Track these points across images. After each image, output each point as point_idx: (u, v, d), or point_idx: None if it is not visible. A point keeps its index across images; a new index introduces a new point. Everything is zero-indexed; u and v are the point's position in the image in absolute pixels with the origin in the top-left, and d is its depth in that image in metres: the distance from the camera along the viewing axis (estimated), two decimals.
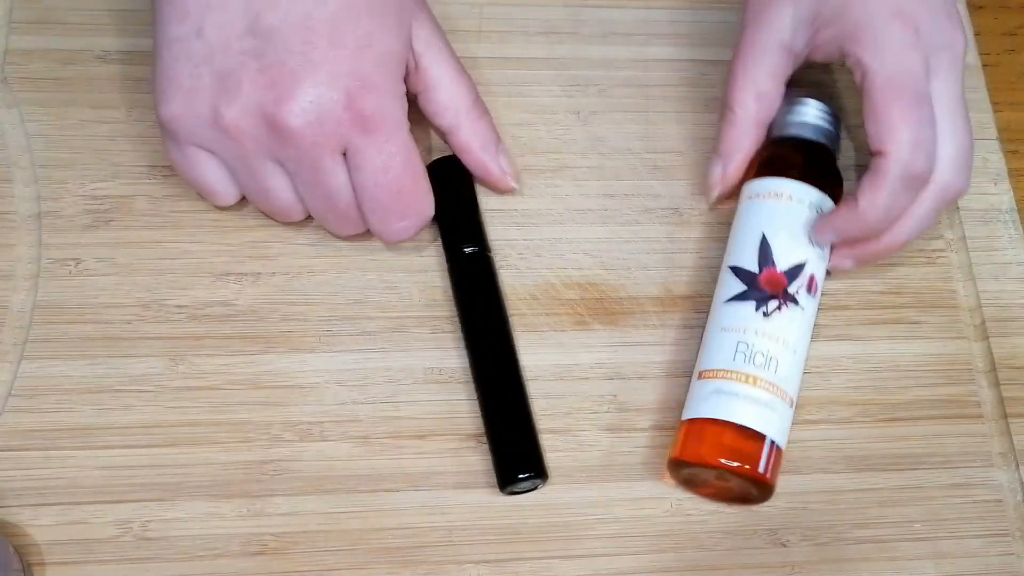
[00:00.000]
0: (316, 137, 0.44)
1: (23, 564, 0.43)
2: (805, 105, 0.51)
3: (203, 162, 0.46)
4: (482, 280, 0.49)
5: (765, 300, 0.46)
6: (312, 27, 0.44)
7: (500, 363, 0.48)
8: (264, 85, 0.44)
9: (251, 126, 0.44)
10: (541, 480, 0.46)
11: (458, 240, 0.50)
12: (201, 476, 0.45)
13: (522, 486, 0.46)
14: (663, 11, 0.58)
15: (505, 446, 0.46)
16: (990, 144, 0.56)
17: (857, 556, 0.46)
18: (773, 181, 0.49)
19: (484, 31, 0.56)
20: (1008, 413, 0.50)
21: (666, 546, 0.46)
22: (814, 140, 0.50)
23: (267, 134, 0.44)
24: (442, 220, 0.50)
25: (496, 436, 0.46)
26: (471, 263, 0.50)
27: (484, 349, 0.48)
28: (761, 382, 0.45)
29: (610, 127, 0.55)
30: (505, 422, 0.47)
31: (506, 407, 0.47)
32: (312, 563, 0.44)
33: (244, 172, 0.46)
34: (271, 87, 0.44)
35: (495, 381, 0.47)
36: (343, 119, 0.44)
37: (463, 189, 0.51)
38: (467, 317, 0.49)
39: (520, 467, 0.46)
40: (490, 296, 0.49)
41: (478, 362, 0.48)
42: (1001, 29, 0.61)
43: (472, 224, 0.51)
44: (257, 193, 0.47)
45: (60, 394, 0.46)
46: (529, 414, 0.47)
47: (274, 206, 0.48)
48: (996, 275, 0.53)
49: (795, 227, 0.48)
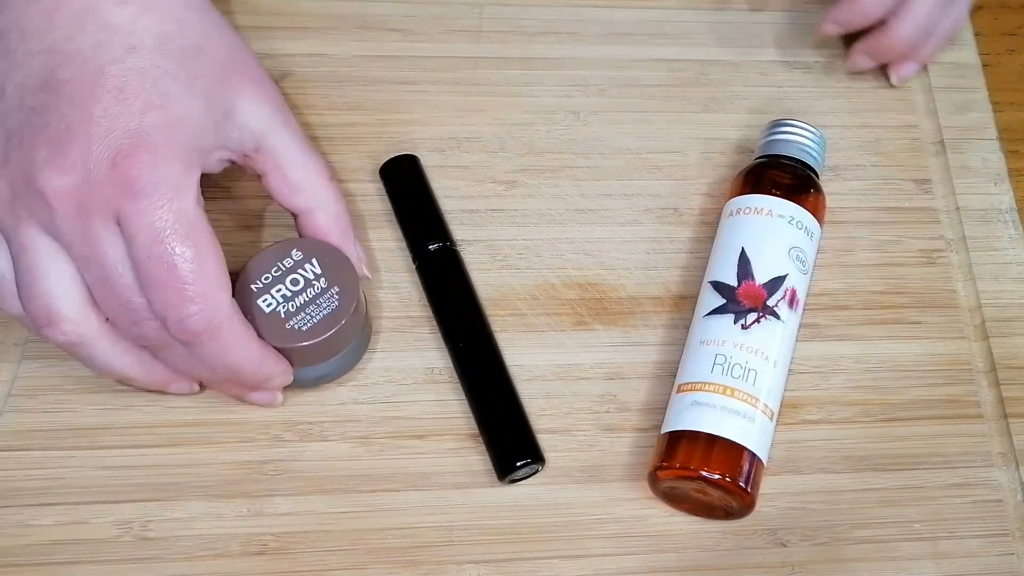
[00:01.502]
0: (82, 200, 0.39)
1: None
2: (790, 125, 0.51)
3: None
4: (452, 274, 0.49)
5: (744, 313, 0.47)
6: (101, 81, 0.40)
7: (482, 355, 0.48)
8: (40, 143, 0.39)
9: (20, 191, 0.39)
10: (539, 464, 0.46)
11: (421, 238, 0.50)
12: (201, 476, 0.45)
13: (521, 473, 0.46)
14: (663, 11, 0.59)
15: (499, 436, 0.46)
16: (990, 144, 0.56)
17: (857, 556, 0.46)
18: (755, 198, 0.49)
19: (484, 31, 0.56)
20: (1008, 413, 0.50)
21: (666, 546, 0.46)
22: (798, 159, 0.51)
23: (32, 201, 0.39)
24: (402, 221, 0.51)
25: (488, 427, 0.46)
26: (438, 259, 0.50)
27: (465, 343, 0.48)
28: (739, 393, 0.45)
29: (610, 127, 0.55)
30: (495, 413, 0.47)
31: (493, 398, 0.47)
32: (312, 563, 0.44)
33: (16, 252, 0.40)
34: (45, 145, 0.39)
35: (479, 373, 0.48)
36: (108, 180, 0.39)
37: (418, 187, 0.52)
38: (443, 314, 0.49)
39: (517, 455, 0.46)
40: (463, 289, 0.49)
41: (460, 357, 0.48)
42: (1001, 29, 0.61)
43: (433, 220, 0.51)
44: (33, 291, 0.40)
45: (60, 394, 0.46)
46: (517, 401, 0.47)
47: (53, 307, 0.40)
48: (996, 275, 0.53)
49: (776, 241, 0.48)
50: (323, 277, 0.45)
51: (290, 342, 0.44)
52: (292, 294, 0.44)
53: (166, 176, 0.40)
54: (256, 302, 0.44)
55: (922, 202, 0.55)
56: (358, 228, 0.50)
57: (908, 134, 0.56)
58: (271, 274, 0.45)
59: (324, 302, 0.44)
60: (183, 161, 0.41)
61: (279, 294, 0.44)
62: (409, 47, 0.56)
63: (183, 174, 0.41)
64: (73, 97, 0.40)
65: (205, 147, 0.42)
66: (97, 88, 0.40)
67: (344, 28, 0.57)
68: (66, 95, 0.40)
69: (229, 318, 0.41)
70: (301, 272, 0.45)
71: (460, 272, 0.50)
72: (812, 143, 0.51)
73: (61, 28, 0.41)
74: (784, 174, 0.50)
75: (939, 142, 0.56)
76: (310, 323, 0.44)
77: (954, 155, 0.56)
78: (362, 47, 0.56)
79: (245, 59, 0.45)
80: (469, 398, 0.47)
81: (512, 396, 0.47)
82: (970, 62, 0.59)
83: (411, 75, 0.56)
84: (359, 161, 0.53)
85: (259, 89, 0.45)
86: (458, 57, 0.56)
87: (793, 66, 0.58)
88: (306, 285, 0.45)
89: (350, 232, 0.47)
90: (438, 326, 0.49)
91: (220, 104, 0.43)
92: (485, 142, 0.54)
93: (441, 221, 0.51)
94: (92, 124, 0.39)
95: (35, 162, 0.39)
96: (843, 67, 0.58)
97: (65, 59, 0.40)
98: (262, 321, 0.44)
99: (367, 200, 0.52)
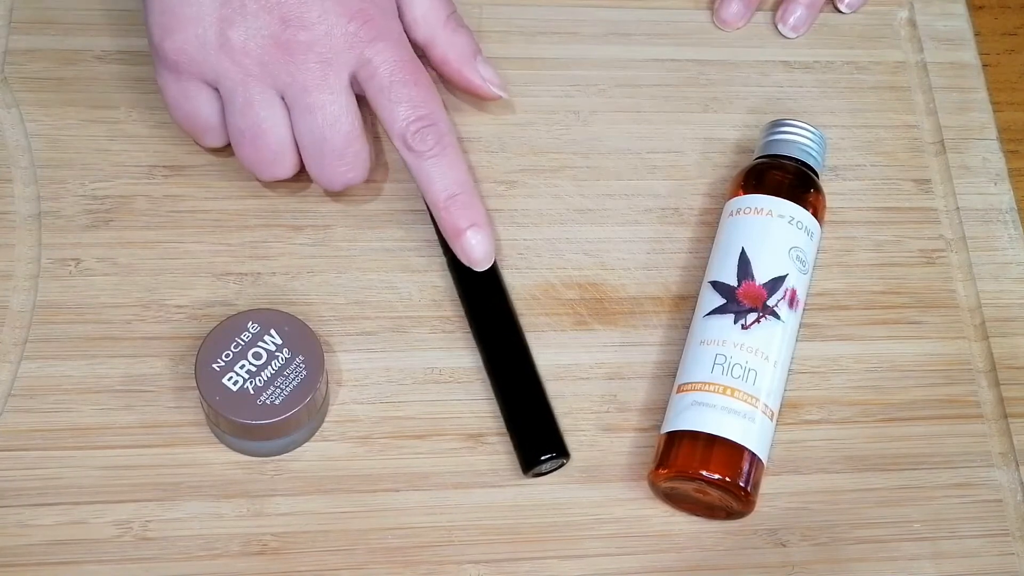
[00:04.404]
0: (325, 52, 0.45)
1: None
2: (790, 125, 0.51)
3: (200, 96, 0.46)
4: (485, 270, 0.49)
5: (744, 313, 0.47)
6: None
7: (512, 349, 0.48)
8: (270, 5, 0.44)
9: (258, 47, 0.44)
10: (564, 459, 0.46)
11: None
12: (201, 476, 0.45)
13: (546, 467, 0.46)
14: (663, 11, 0.59)
15: (525, 429, 0.46)
16: (990, 144, 0.56)
17: (857, 556, 0.46)
18: (755, 198, 0.49)
19: (484, 31, 0.56)
20: (1008, 413, 0.50)
21: (666, 546, 0.46)
22: (798, 159, 0.51)
23: (274, 55, 0.44)
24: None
25: (515, 420, 0.47)
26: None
27: (495, 337, 0.48)
28: (739, 393, 0.45)
29: (610, 127, 0.55)
30: (523, 406, 0.47)
31: (522, 391, 0.47)
32: (312, 563, 0.44)
33: (241, 104, 0.46)
34: (276, 7, 0.44)
35: (509, 367, 0.48)
36: (350, 31, 0.45)
37: None
38: (474, 307, 0.49)
39: (543, 448, 0.46)
40: (494, 284, 0.49)
41: (490, 350, 0.48)
42: (1001, 29, 0.61)
43: None
44: (248, 131, 0.46)
45: (60, 394, 0.46)
46: (545, 396, 0.47)
47: (263, 148, 0.47)
48: (996, 275, 0.53)
49: (776, 241, 0.48)
50: (285, 347, 0.44)
51: (265, 417, 0.43)
52: (257, 368, 0.44)
53: (391, 22, 0.47)
54: (221, 382, 0.43)
55: (922, 202, 0.55)
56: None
57: (908, 134, 0.56)
58: (231, 351, 0.44)
59: (291, 372, 0.44)
60: (394, 11, 0.48)
61: (243, 371, 0.43)
62: None
63: (398, 20, 0.48)
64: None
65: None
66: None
67: None
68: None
69: (453, 136, 0.48)
70: (262, 344, 0.44)
71: (492, 266, 0.50)
72: (812, 143, 0.51)
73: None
74: (784, 174, 0.50)
75: (939, 142, 0.56)
76: (282, 396, 0.43)
77: (954, 155, 0.56)
78: None
79: None
80: (497, 391, 0.47)
81: (540, 391, 0.47)
82: (970, 62, 0.59)
83: None
84: None
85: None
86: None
87: (793, 66, 0.58)
88: (269, 358, 0.44)
89: (469, 57, 0.51)
90: (468, 319, 0.49)
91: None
92: (485, 142, 0.54)
93: None
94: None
95: (271, 23, 0.44)
96: (843, 67, 0.58)
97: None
98: (232, 400, 0.43)
99: (367, 200, 0.52)
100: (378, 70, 0.46)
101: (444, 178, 0.47)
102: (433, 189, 0.47)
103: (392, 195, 0.52)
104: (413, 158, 0.47)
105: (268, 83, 0.45)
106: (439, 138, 0.47)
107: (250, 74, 0.45)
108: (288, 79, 0.45)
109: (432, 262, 0.50)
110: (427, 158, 0.47)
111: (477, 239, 0.48)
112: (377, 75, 0.46)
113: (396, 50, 0.46)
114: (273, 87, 0.46)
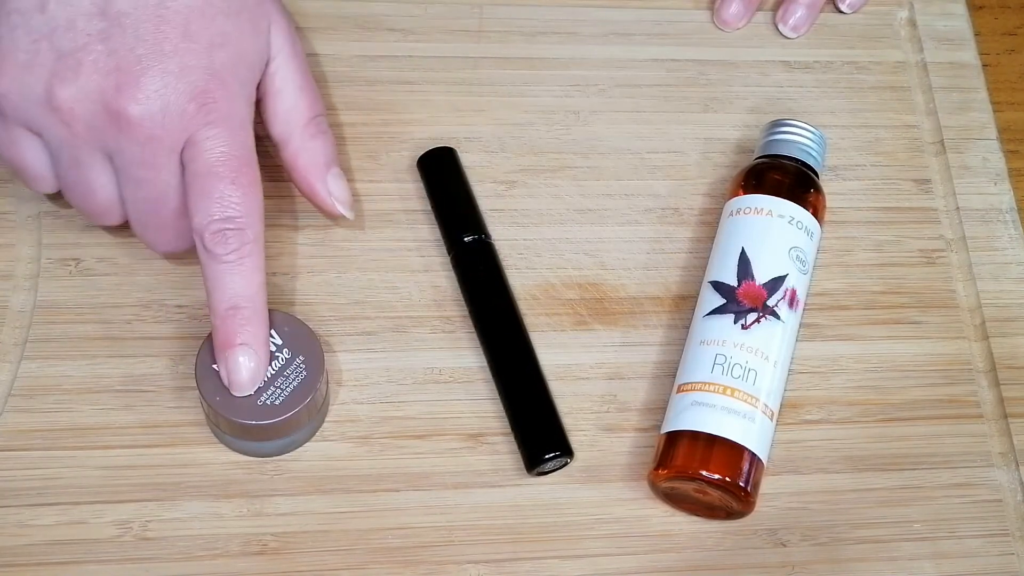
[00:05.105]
0: (155, 129, 0.42)
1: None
2: (790, 125, 0.51)
3: (24, 143, 0.44)
4: (487, 267, 0.49)
5: (744, 313, 0.47)
6: (165, 17, 0.42)
7: (516, 348, 0.48)
8: (108, 70, 0.41)
9: (86, 111, 0.42)
10: (568, 458, 0.46)
11: (457, 230, 0.50)
12: (201, 476, 0.45)
13: (550, 466, 0.46)
14: (663, 11, 0.59)
15: (530, 427, 0.46)
16: (990, 144, 0.56)
17: (857, 556, 0.46)
18: (755, 198, 0.49)
19: (484, 31, 0.56)
20: (1008, 413, 0.50)
21: (666, 546, 0.46)
22: (798, 159, 0.51)
23: (102, 122, 0.42)
24: (438, 212, 0.51)
25: (519, 418, 0.47)
26: (473, 252, 0.50)
27: (498, 336, 0.48)
28: (739, 393, 0.45)
29: (610, 127, 0.55)
30: (527, 404, 0.47)
31: (527, 389, 0.47)
32: (312, 563, 0.44)
33: (67, 161, 0.43)
34: (114, 72, 0.41)
35: (513, 365, 0.48)
36: (187, 111, 0.42)
37: (455, 179, 0.52)
38: (477, 306, 0.49)
39: (548, 447, 0.46)
40: (497, 282, 0.49)
41: (494, 349, 0.48)
42: (1001, 29, 0.61)
43: (469, 212, 0.51)
44: (76, 186, 0.44)
45: (60, 394, 0.46)
46: (549, 395, 0.47)
47: (92, 203, 0.45)
48: (996, 275, 0.53)
49: (776, 241, 0.48)
50: (285, 348, 0.44)
51: (266, 418, 0.43)
52: None
53: (236, 110, 0.44)
54: (222, 382, 0.43)
55: (922, 202, 0.55)
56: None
57: (908, 134, 0.56)
58: None
59: (291, 372, 0.44)
60: (247, 98, 0.45)
61: None
62: (409, 47, 0.56)
63: (247, 109, 0.45)
64: (138, 31, 0.42)
65: (257, 78, 0.46)
66: (163, 24, 0.42)
67: (344, 28, 0.57)
68: (130, 28, 0.42)
69: (259, 246, 0.44)
70: None
71: (495, 265, 0.50)
72: (812, 143, 0.51)
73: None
74: (784, 174, 0.50)
75: (939, 142, 0.56)
76: (282, 396, 0.43)
77: (954, 155, 0.56)
78: (362, 47, 0.56)
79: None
80: (500, 389, 0.47)
81: (544, 390, 0.47)
82: (970, 62, 0.59)
83: (411, 75, 0.56)
84: (359, 161, 0.53)
85: (279, 15, 0.47)
86: (458, 57, 0.56)
87: (793, 66, 0.58)
88: (270, 358, 0.44)
89: (320, 168, 0.48)
90: (472, 318, 0.49)
91: (262, 37, 0.46)
92: (485, 142, 0.54)
93: (478, 214, 0.51)
94: (164, 59, 0.42)
95: (104, 88, 0.42)
96: (843, 67, 0.58)
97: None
98: (232, 400, 0.43)
99: (367, 200, 0.52)
100: (201, 155, 0.43)
101: (232, 287, 0.43)
102: (216, 296, 0.43)
103: (392, 195, 0.52)
104: (207, 258, 0.43)
105: (96, 146, 0.43)
106: (240, 245, 0.43)
107: (76, 135, 0.42)
108: (115, 147, 0.43)
109: (432, 262, 0.51)
110: (221, 262, 0.43)
111: (245, 359, 0.43)
112: (198, 160, 0.43)
113: (230, 141, 0.43)
114: (101, 151, 0.43)
